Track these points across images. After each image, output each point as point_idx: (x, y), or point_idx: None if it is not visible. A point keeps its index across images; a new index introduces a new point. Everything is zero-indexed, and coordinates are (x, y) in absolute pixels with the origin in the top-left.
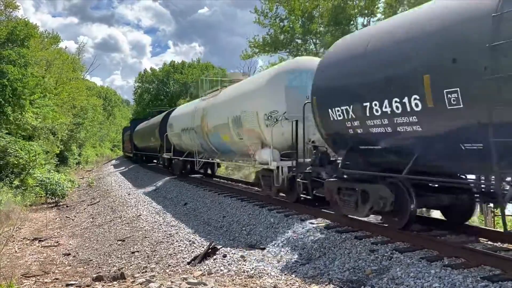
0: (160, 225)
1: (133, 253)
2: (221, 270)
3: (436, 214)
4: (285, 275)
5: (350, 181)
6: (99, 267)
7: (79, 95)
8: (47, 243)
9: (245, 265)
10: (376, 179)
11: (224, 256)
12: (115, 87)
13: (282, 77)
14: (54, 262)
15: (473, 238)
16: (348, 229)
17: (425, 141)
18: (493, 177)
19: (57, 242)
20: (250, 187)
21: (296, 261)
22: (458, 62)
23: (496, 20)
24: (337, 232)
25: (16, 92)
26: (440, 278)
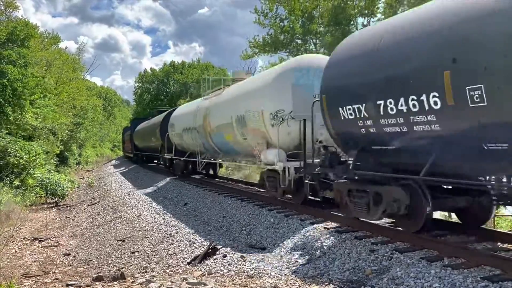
0: (160, 225)
1: (133, 253)
2: (221, 270)
3: (436, 215)
4: (285, 275)
5: (361, 183)
6: (99, 267)
7: (79, 95)
8: (47, 243)
9: (245, 265)
10: (388, 180)
11: (224, 256)
12: (115, 87)
13: (288, 75)
14: (54, 262)
15: (473, 238)
16: (348, 229)
17: (444, 141)
18: None
19: (57, 242)
20: (250, 187)
21: (296, 261)
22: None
23: None
24: (337, 232)
25: (16, 92)
26: (440, 278)
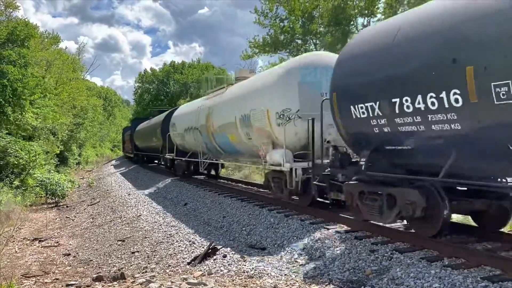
0: (160, 225)
1: (133, 253)
2: (221, 270)
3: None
4: (285, 275)
5: (373, 184)
6: (99, 267)
7: (79, 95)
8: (47, 243)
9: (245, 265)
10: (401, 182)
11: (224, 256)
12: (115, 87)
13: (295, 72)
14: (54, 262)
15: (473, 238)
16: (348, 229)
17: (464, 141)
18: None
19: (57, 242)
20: (250, 187)
21: (296, 261)
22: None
23: None
24: (337, 232)
25: (16, 92)
26: (440, 279)
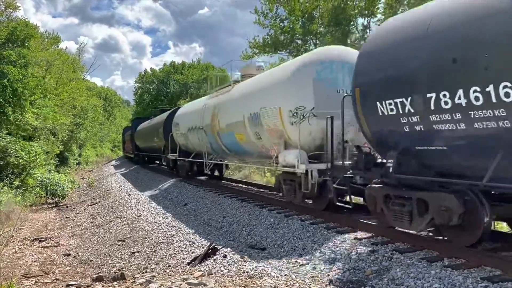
0: (160, 225)
1: (133, 253)
2: (221, 270)
3: None
4: (285, 275)
5: (402, 188)
6: (99, 268)
7: (80, 95)
8: (47, 243)
9: (245, 265)
10: (433, 186)
11: (224, 256)
12: (115, 87)
13: (310, 68)
14: (54, 262)
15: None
16: (348, 229)
17: None
18: None
19: (57, 242)
20: (250, 187)
21: (296, 261)
22: None
23: None
24: (337, 232)
25: (16, 92)
26: (440, 279)
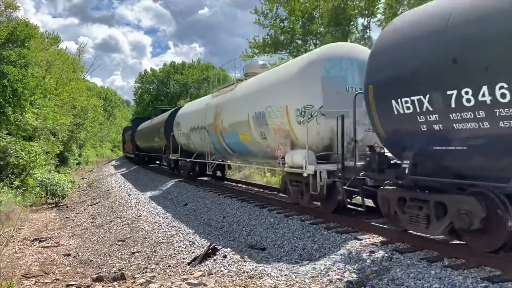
0: (160, 225)
1: (133, 253)
2: (221, 270)
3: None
4: (285, 275)
5: (417, 190)
6: (99, 268)
7: (80, 95)
8: (47, 243)
9: (245, 265)
10: (451, 188)
11: (224, 256)
12: (115, 87)
13: (318, 65)
14: (54, 262)
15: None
16: (348, 229)
17: None
18: None
19: (57, 242)
20: (251, 187)
21: (296, 261)
22: None
23: None
24: (337, 232)
25: (16, 92)
26: (440, 279)
